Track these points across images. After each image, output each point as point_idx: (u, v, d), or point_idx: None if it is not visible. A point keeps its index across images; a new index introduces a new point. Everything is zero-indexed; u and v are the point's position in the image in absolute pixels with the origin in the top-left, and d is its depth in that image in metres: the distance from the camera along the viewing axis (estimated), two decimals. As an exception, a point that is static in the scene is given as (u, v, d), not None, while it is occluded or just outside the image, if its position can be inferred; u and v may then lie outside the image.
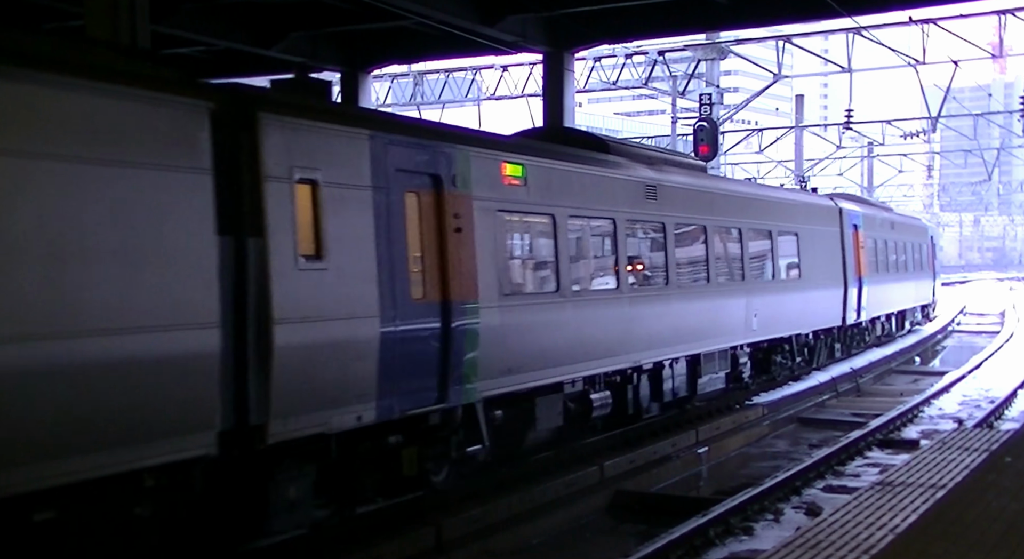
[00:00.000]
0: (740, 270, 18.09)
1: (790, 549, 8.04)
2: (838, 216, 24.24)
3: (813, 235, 21.92)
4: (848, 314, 24.39)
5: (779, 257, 19.81)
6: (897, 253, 30.41)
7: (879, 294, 27.31)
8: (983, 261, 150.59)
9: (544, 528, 11.82)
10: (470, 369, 11.10)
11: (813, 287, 21.61)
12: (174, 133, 8.04)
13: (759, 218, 19.09)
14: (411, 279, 10.36)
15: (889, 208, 36.14)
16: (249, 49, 23.01)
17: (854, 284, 24.70)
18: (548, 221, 12.89)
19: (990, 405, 19.68)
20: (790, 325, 20.54)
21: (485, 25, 21.01)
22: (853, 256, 24.92)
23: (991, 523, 8.57)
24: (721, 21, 23.47)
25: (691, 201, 16.55)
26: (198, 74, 9.80)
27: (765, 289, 19.07)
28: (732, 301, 17.72)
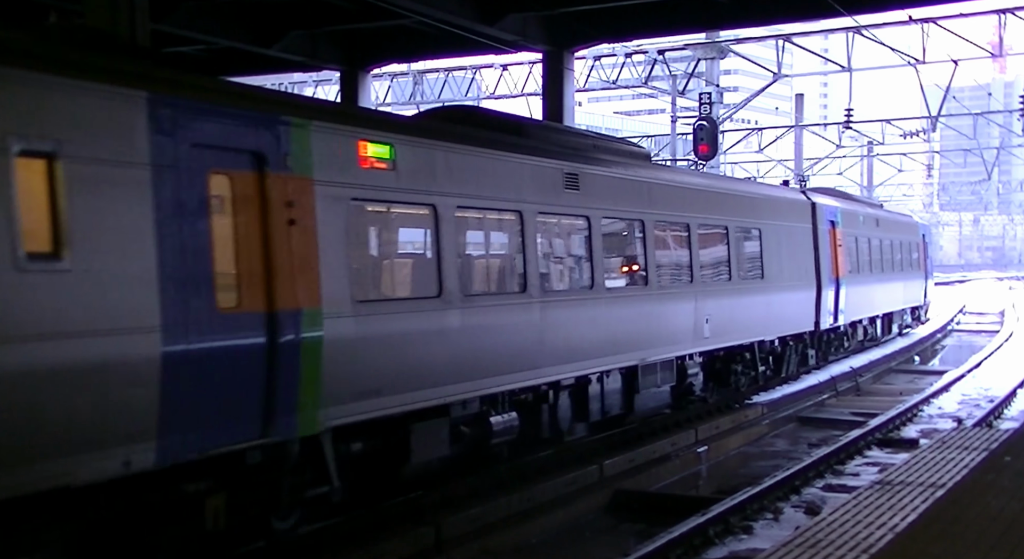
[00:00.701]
0: (688, 270, 16.16)
1: (789, 548, 8.04)
2: (810, 212, 22.23)
3: (780, 232, 19.97)
4: (823, 318, 22.31)
5: (737, 256, 17.86)
6: (883, 252, 28.44)
7: (860, 296, 25.47)
8: (983, 260, 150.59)
9: (543, 527, 11.83)
10: (309, 393, 9.00)
11: (779, 289, 19.72)
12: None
13: (712, 213, 17.16)
14: (217, 284, 8.19)
15: (877, 204, 33.87)
16: (249, 48, 23.02)
17: (830, 285, 22.83)
18: (428, 213, 10.80)
19: (989, 404, 19.68)
20: (751, 331, 18.45)
21: (485, 24, 21.02)
22: (829, 255, 23.02)
23: (990, 522, 8.57)
24: (721, 20, 23.47)
25: (624, 192, 14.51)
26: (198, 73, 9.57)
27: (719, 292, 17.12)
28: (678, 305, 15.81)
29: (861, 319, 26.46)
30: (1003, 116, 62.67)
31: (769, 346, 19.69)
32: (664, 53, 34.42)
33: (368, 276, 10.24)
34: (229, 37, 22.49)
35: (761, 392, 20.12)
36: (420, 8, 19.64)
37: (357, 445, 9.99)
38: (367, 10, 20.41)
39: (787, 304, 20.18)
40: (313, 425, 9.12)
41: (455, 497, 11.66)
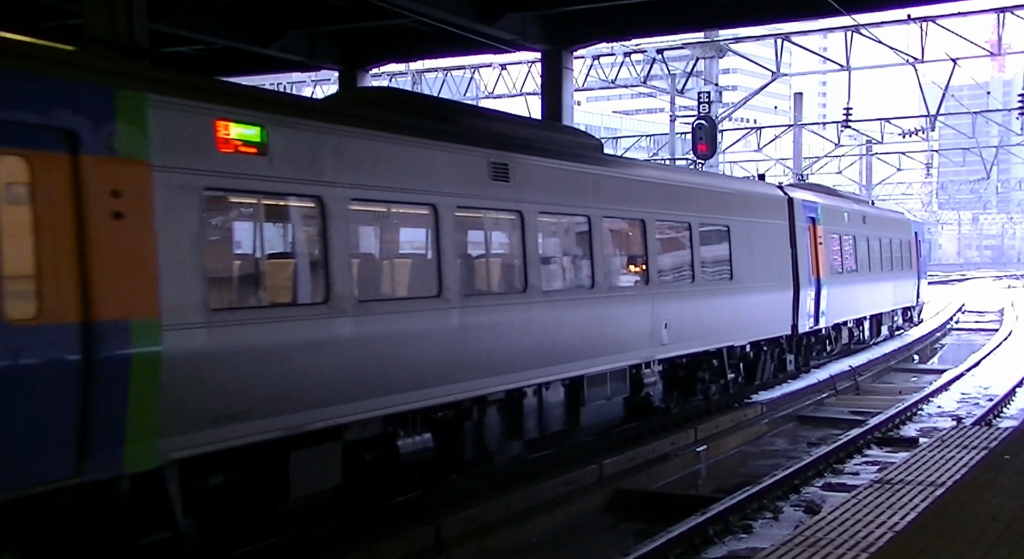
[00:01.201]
0: (644, 271, 14.86)
1: (789, 547, 8.04)
2: (787, 207, 20.69)
3: (751, 229, 18.50)
4: (801, 321, 20.86)
5: (701, 255, 16.50)
6: (870, 250, 27.02)
7: (844, 297, 24.10)
8: (982, 259, 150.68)
9: (543, 527, 11.82)
10: (143, 420, 7.52)
11: (751, 290, 18.26)
12: None
13: (673, 208, 15.77)
14: (6, 291, 6.77)
15: (865, 200, 32.19)
16: (248, 47, 23.00)
17: (810, 286, 21.44)
18: (312, 206, 9.31)
19: (989, 403, 19.68)
20: (717, 336, 17.05)
21: (484, 23, 21.00)
22: (809, 253, 21.60)
23: (990, 521, 8.57)
24: (720, 19, 23.45)
25: (567, 185, 13.07)
26: (198, 73, 9.54)
27: (680, 294, 15.79)
28: (631, 309, 14.43)
29: (846, 321, 25.15)
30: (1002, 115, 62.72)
31: (740, 352, 18.35)
32: (663, 52, 34.45)
33: (230, 280, 8.82)
34: (227, 37, 22.47)
35: (760, 391, 20.13)
36: (419, 7, 19.63)
37: (219, 478, 8.44)
38: (366, 9, 20.39)
39: (760, 307, 18.78)
40: (149, 458, 7.56)
41: (455, 497, 11.65)
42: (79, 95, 7.24)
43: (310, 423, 9.06)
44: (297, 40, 23.32)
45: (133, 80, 7.75)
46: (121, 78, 7.66)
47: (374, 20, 21.65)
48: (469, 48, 24.60)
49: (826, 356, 24.68)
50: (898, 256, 30.51)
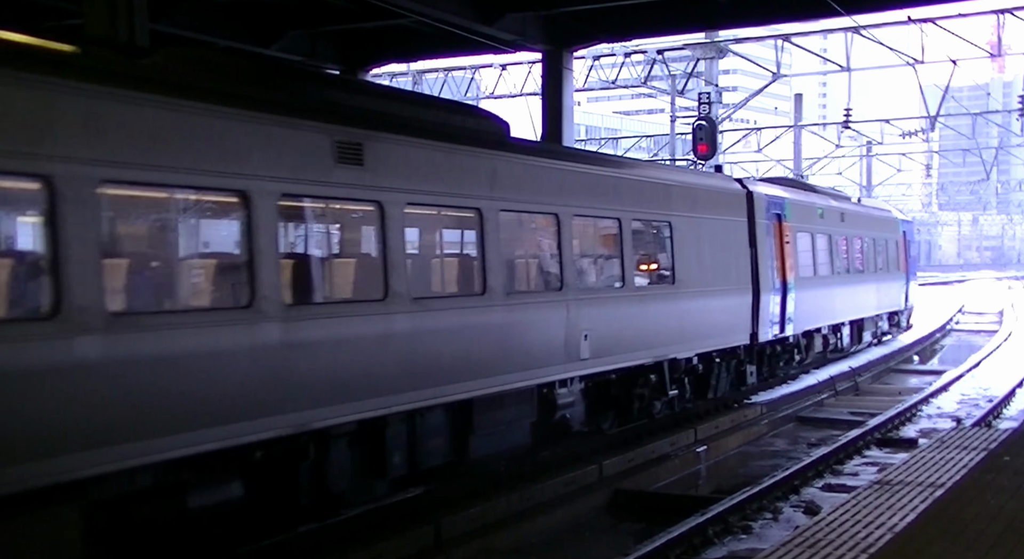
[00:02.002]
0: (557, 273, 12.83)
1: (788, 548, 8.04)
2: (745, 202, 18.62)
3: (700, 227, 16.52)
4: (763, 328, 18.88)
5: (634, 255, 14.61)
6: (849, 250, 24.88)
7: (816, 301, 22.05)
8: (981, 260, 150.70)
9: (543, 527, 11.83)
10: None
11: (698, 295, 16.30)
12: None
13: (596, 202, 13.72)
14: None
15: (844, 196, 29.10)
16: (248, 48, 23.00)
17: (774, 290, 19.39)
18: (37, 190, 7.07)
19: (988, 404, 19.68)
20: (654, 348, 15.05)
21: (484, 24, 21.03)
22: (774, 253, 19.62)
23: (989, 522, 8.58)
24: (720, 20, 23.49)
25: (447, 171, 10.99)
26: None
27: (605, 300, 13.83)
28: (538, 318, 12.39)
29: (820, 328, 22.97)
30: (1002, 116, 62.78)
31: (686, 364, 16.38)
32: (663, 53, 34.46)
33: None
34: (228, 37, 22.48)
35: (760, 392, 20.12)
36: (419, 8, 19.65)
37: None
38: (366, 10, 20.41)
39: (711, 313, 16.80)
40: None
41: (455, 496, 11.66)
42: None
43: (33, 479, 6.83)
44: (297, 40, 23.34)
45: None
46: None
47: (374, 20, 21.68)
48: (469, 48, 24.62)
49: (796, 366, 22.35)
50: (882, 256, 28.34)
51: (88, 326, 7.20)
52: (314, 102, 9.71)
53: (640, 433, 15.67)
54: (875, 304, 27.56)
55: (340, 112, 9.88)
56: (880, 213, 30.13)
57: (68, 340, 7.10)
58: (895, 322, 30.72)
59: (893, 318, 30.41)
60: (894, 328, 30.73)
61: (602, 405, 14.58)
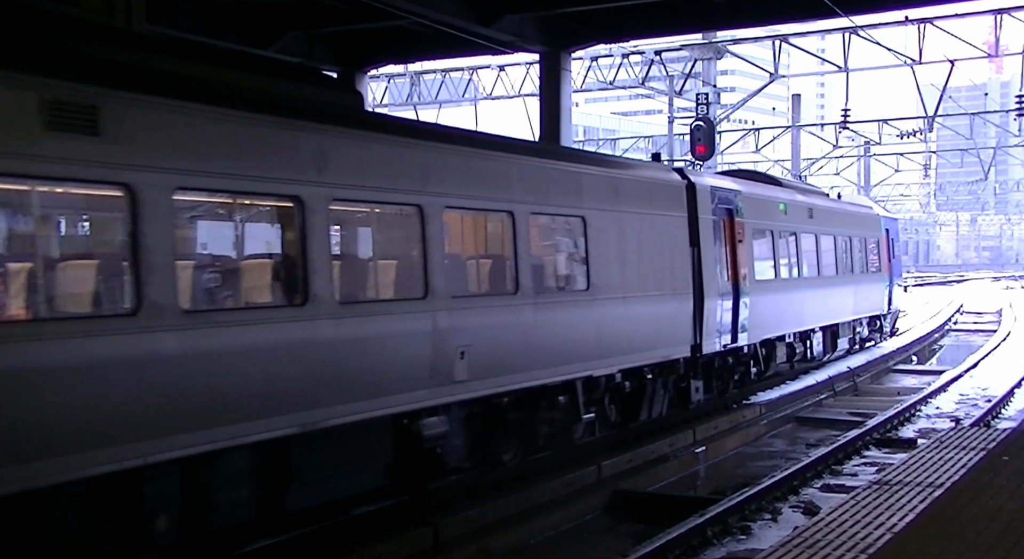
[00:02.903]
0: (420, 277, 10.65)
1: (788, 549, 8.04)
2: (685, 195, 16.39)
3: (623, 223, 14.36)
4: (708, 338, 16.75)
5: (531, 255, 12.44)
6: (820, 249, 22.70)
7: (777, 306, 19.92)
8: (980, 260, 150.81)
9: (542, 528, 11.82)
10: None
11: (618, 301, 14.16)
12: None
13: (476, 191, 11.52)
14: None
15: (817, 190, 26.50)
16: (246, 49, 22.99)
17: (722, 295, 17.34)
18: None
19: (987, 404, 19.68)
20: (561, 365, 12.80)
21: (482, 25, 21.03)
22: (723, 253, 17.60)
23: (988, 522, 8.57)
24: (718, 21, 23.50)
25: (245, 149, 8.73)
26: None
27: (489, 308, 11.67)
28: (391, 331, 10.14)
29: (785, 336, 20.71)
30: (999, 116, 62.75)
31: (609, 383, 14.28)
32: (661, 54, 34.48)
33: None
34: (226, 38, 22.48)
35: (759, 392, 20.12)
36: (417, 9, 19.65)
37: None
38: (364, 11, 20.41)
39: (637, 323, 14.62)
40: None
41: (453, 498, 11.66)
42: None
43: None
44: (296, 41, 23.34)
45: None
46: None
47: (372, 22, 21.68)
48: (467, 49, 24.63)
49: (754, 379, 19.96)
50: (861, 256, 26.12)
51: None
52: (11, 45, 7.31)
53: (639, 434, 15.67)
54: (852, 308, 25.28)
55: (63, 60, 7.51)
56: (859, 210, 27.65)
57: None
58: (877, 326, 28.49)
59: (874, 323, 28.24)
60: (876, 333, 28.50)
61: (498, 434, 12.34)
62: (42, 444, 6.99)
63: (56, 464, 7.07)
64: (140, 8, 12.64)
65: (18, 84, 7.04)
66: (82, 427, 7.23)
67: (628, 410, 15.28)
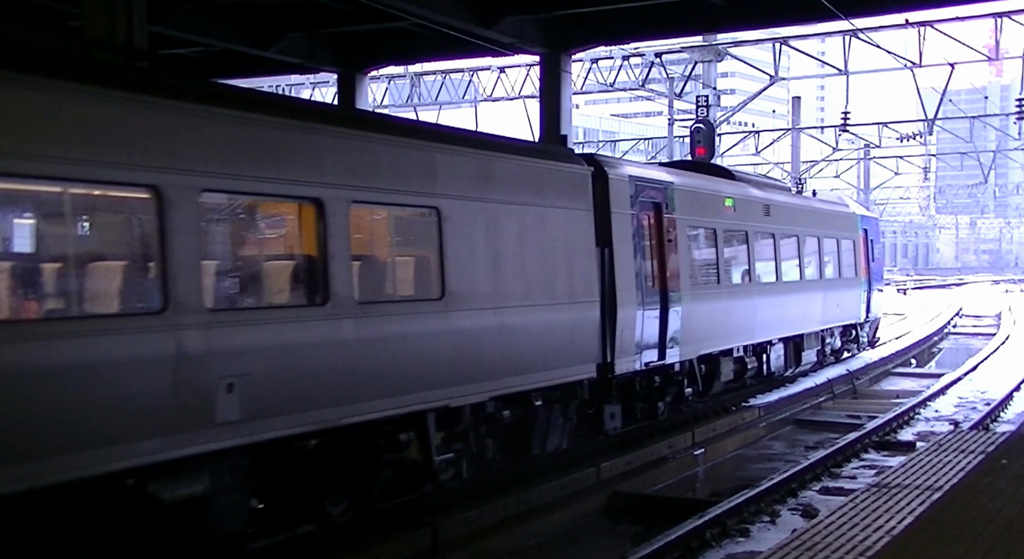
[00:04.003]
0: (158, 285, 8.02)
1: (786, 551, 8.04)
2: (590, 186, 13.79)
3: (497, 217, 11.83)
4: (623, 356, 14.26)
5: (343, 257, 9.62)
6: (779, 251, 20.16)
7: (720, 316, 17.50)
8: (979, 263, 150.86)
9: (541, 529, 11.82)
10: None
11: (487, 312, 11.56)
12: None
13: (257, 170, 8.82)
14: None
15: (778, 185, 23.93)
16: (246, 50, 23.02)
17: (644, 303, 14.86)
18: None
19: (986, 407, 19.69)
20: (396, 396, 10.16)
21: (482, 26, 21.01)
22: (647, 255, 15.17)
23: (987, 525, 8.58)
24: (718, 23, 23.48)
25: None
26: (196, 75, 9.59)
27: (274, 326, 8.92)
28: (102, 359, 7.50)
29: (733, 349, 18.28)
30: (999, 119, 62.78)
31: (480, 414, 11.71)
32: (661, 56, 34.52)
33: None
34: (226, 39, 22.49)
35: (758, 395, 20.12)
36: (417, 10, 19.63)
37: None
38: (364, 12, 20.39)
39: (518, 339, 12.00)
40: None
41: (452, 499, 11.65)
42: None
43: None
44: (296, 42, 23.33)
45: None
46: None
47: (372, 23, 21.67)
48: (468, 51, 24.60)
49: (693, 402, 17.50)
50: (832, 259, 23.72)
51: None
52: None
53: (638, 436, 15.67)
54: (819, 317, 22.72)
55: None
56: (830, 207, 25.06)
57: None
58: (852, 337, 25.97)
59: (849, 333, 25.73)
60: (852, 344, 26.06)
61: (316, 484, 9.97)
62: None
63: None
64: (140, 9, 12.64)
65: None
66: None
67: (515, 444, 12.69)
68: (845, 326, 25.14)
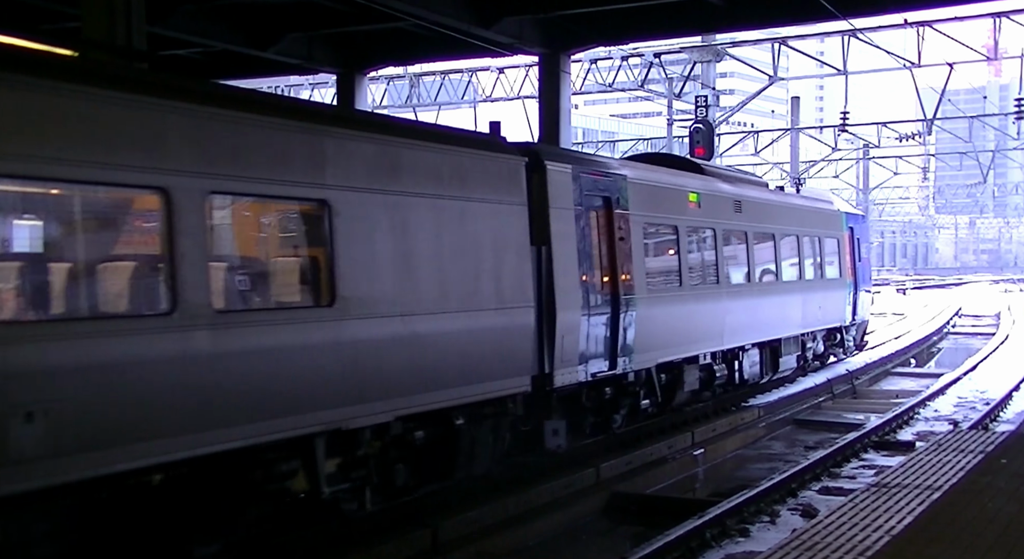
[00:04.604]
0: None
1: (786, 551, 8.05)
2: (523, 178, 12.15)
3: (407, 211, 10.29)
4: (564, 367, 12.80)
5: (197, 257, 8.13)
6: (751, 250, 18.63)
7: (682, 321, 15.98)
8: (978, 263, 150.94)
9: (540, 530, 11.82)
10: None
11: (393, 321, 10.04)
12: None
13: (71, 154, 7.30)
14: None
15: (753, 179, 22.11)
16: (245, 51, 23.04)
17: (592, 308, 13.43)
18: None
19: (985, 407, 19.68)
20: (261, 419, 8.60)
21: (481, 27, 21.03)
22: (593, 255, 13.65)
23: (987, 525, 8.58)
24: (717, 23, 23.50)
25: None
26: (196, 76, 9.45)
27: (92, 341, 7.37)
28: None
29: (699, 356, 16.65)
30: (998, 119, 62.80)
31: (382, 436, 10.12)
32: (660, 56, 34.54)
33: None
34: (225, 40, 22.51)
35: (758, 395, 20.12)
36: (416, 11, 19.65)
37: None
38: (363, 13, 20.41)
39: (431, 349, 10.47)
40: None
41: (452, 500, 11.65)
42: None
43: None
44: (295, 43, 23.36)
45: None
46: None
47: (372, 23, 21.70)
48: (467, 51, 24.63)
49: (654, 415, 16.02)
50: (813, 258, 22.18)
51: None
52: None
53: (638, 435, 15.67)
54: (799, 321, 21.19)
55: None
56: (812, 204, 23.35)
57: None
58: (836, 340, 24.42)
59: (833, 337, 24.17)
60: (836, 348, 24.54)
61: (176, 523, 8.45)
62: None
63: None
64: (140, 10, 12.65)
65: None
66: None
67: (434, 469, 11.12)
68: (829, 330, 23.67)
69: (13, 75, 6.97)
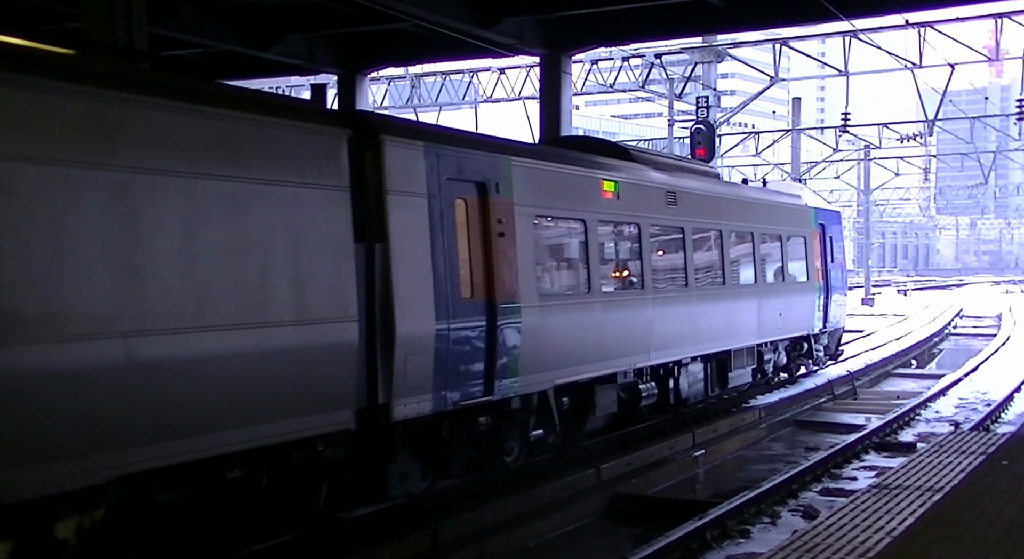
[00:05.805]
0: None
1: (787, 552, 8.03)
2: (343, 155, 9.57)
3: (136, 195, 7.54)
4: (408, 396, 10.27)
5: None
6: (687, 248, 16.14)
7: (587, 333, 13.43)
8: (980, 264, 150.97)
9: (540, 531, 11.82)
10: None
11: (113, 345, 7.32)
12: None
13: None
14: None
15: (699, 168, 18.89)
16: (246, 51, 23.03)
17: (456, 319, 10.91)
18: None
19: (987, 408, 19.69)
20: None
21: (482, 28, 21.02)
22: (459, 255, 11.11)
23: (988, 526, 8.57)
24: (718, 24, 23.49)
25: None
26: (196, 76, 9.33)
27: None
28: None
29: (616, 373, 14.25)
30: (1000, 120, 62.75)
31: (85, 507, 7.33)
32: (661, 57, 34.51)
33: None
34: (226, 41, 22.50)
35: (758, 396, 20.10)
36: (417, 12, 19.64)
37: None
38: (364, 14, 20.41)
39: (185, 381, 7.80)
40: None
41: (452, 500, 11.65)
42: None
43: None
44: (296, 44, 23.36)
45: None
46: None
47: (373, 24, 21.69)
48: (468, 52, 24.62)
49: (552, 446, 13.45)
50: (773, 260, 19.83)
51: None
52: None
53: (639, 437, 15.66)
54: (754, 329, 18.71)
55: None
56: (775, 198, 20.72)
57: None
58: (804, 351, 21.92)
59: (800, 346, 21.72)
60: (805, 359, 22.11)
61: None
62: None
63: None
64: (140, 10, 12.65)
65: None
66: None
67: (203, 536, 8.65)
68: (794, 339, 21.19)
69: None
